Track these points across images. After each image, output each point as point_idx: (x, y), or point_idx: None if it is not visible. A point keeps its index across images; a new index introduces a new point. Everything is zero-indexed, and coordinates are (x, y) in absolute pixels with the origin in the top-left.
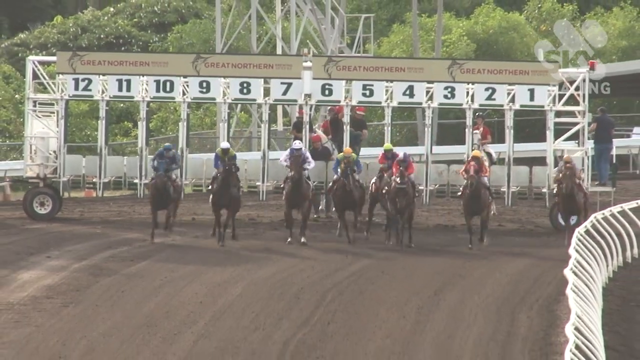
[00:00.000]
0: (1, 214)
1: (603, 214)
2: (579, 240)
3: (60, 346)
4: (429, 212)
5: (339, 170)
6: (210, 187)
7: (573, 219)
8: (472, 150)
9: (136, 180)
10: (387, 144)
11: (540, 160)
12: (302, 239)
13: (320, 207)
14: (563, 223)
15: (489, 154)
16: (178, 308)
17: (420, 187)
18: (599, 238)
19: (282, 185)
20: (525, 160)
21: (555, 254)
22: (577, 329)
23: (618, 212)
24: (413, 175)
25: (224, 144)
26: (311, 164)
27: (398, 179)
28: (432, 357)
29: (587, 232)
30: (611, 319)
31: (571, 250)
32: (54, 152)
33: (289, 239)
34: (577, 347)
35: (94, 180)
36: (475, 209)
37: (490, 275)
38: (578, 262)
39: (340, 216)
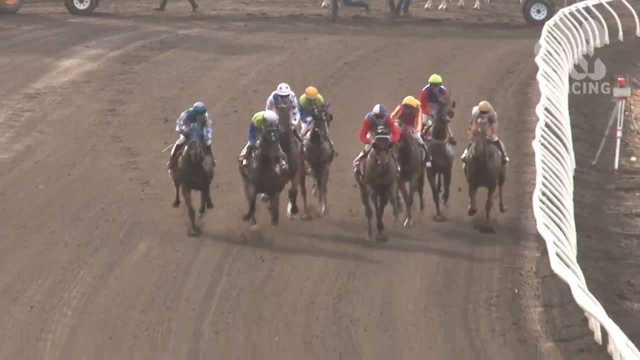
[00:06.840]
0: (45, 9)
1: (569, 9)
2: (549, 32)
3: (93, 126)
4: (418, 8)
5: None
6: (244, 162)
7: None
8: None
9: None
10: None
11: None
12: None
13: None
14: (470, 198)
15: None
16: (199, 92)
17: None
18: (566, 31)
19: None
20: None
21: (528, 45)
22: (546, 109)
23: (583, 8)
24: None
25: (269, 114)
26: (297, 117)
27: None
28: None
29: (556, 25)
30: (577, 100)
31: (542, 41)
32: None
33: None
34: (547, 125)
35: None
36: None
37: (471, 62)
38: (548, 51)
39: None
